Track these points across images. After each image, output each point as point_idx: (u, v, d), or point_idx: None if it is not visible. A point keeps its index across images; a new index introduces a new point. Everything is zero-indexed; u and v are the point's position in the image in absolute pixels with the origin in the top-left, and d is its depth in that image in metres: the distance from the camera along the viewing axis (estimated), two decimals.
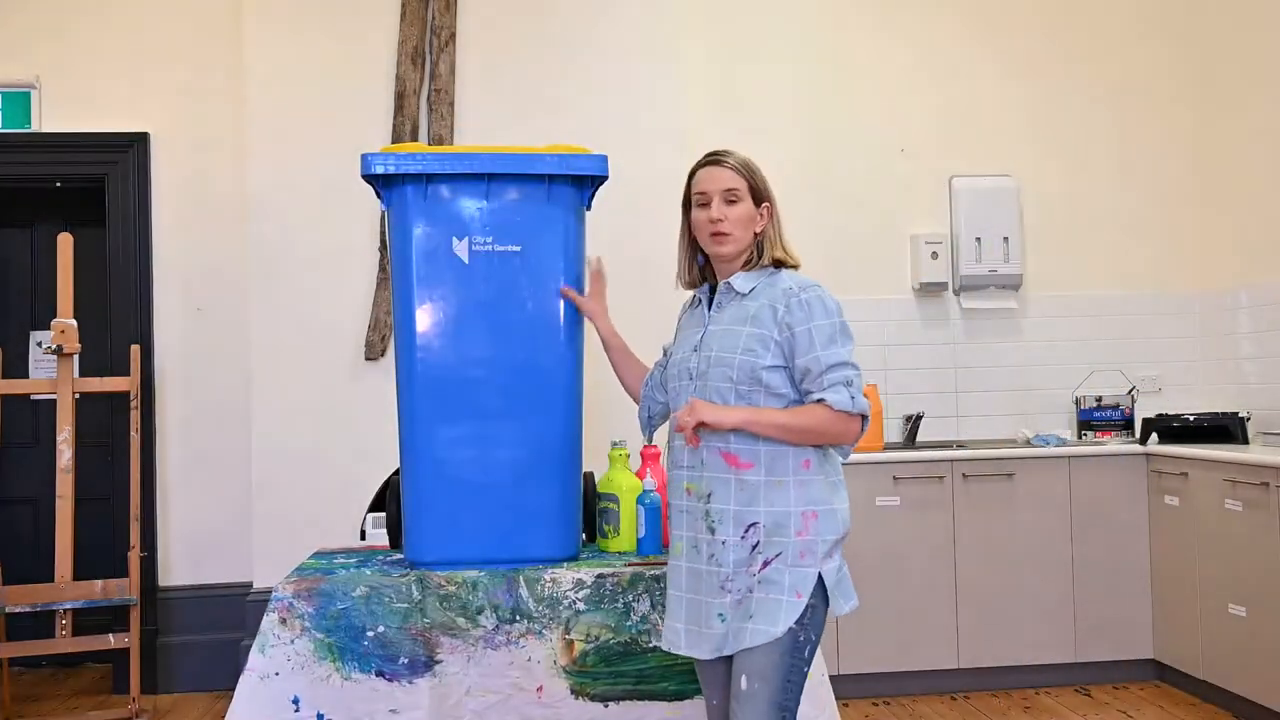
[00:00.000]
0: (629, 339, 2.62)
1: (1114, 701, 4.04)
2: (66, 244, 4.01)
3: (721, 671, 2.18)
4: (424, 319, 2.50)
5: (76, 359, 4.04)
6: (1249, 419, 4.22)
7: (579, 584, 2.44)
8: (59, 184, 4.59)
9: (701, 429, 2.13)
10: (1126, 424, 4.51)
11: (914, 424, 4.54)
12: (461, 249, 2.51)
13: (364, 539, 3.10)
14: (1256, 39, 4.46)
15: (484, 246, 2.51)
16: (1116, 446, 4.28)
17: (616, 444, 2.70)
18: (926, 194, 4.73)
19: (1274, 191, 4.36)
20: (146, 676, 4.23)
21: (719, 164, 2.24)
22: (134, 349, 4.11)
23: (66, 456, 3.94)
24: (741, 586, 2.11)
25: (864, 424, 2.13)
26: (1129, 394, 4.57)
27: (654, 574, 2.46)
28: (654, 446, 2.67)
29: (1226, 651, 3.79)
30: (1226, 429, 4.18)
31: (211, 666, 4.30)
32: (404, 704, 2.37)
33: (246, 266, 4.17)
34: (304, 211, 4.08)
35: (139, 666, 3.95)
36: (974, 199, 4.67)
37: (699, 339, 2.23)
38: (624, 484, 2.66)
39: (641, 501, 2.62)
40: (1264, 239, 4.42)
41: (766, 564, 2.10)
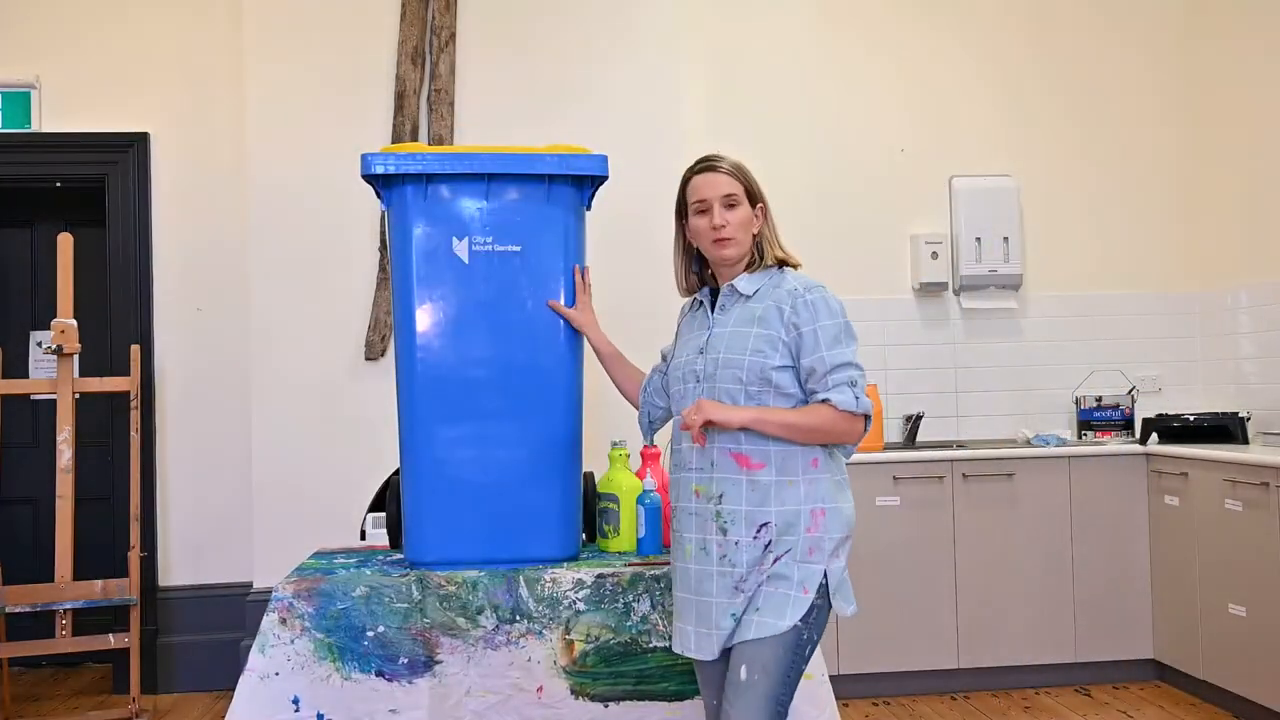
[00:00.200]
0: (630, 339, 2.61)
1: (1114, 701, 4.04)
2: (66, 244, 4.01)
3: (721, 671, 2.17)
4: (424, 319, 2.50)
5: (76, 359, 4.04)
6: (1249, 419, 4.22)
7: (579, 584, 2.44)
8: (59, 184, 4.59)
9: (709, 429, 2.13)
10: (1126, 424, 4.51)
11: (914, 424, 4.54)
12: (461, 249, 2.51)
13: (364, 539, 3.10)
14: (1256, 39, 4.46)
15: (484, 246, 2.51)
16: (1116, 446, 4.28)
17: (616, 444, 2.70)
18: (926, 194, 4.73)
19: (1274, 191, 4.36)
20: (146, 676, 4.23)
21: (714, 170, 2.24)
22: (134, 349, 4.11)
23: (66, 456, 3.94)
24: (754, 585, 2.12)
25: (867, 423, 2.16)
26: (1129, 394, 4.57)
27: (654, 574, 2.45)
28: (654, 447, 2.67)
29: (1226, 651, 3.79)
30: (1226, 429, 4.18)
31: (211, 666, 4.30)
32: (404, 704, 2.37)
33: (246, 266, 4.17)
34: (304, 211, 4.08)
35: (139, 666, 3.95)
36: (974, 199, 4.67)
37: (704, 342, 2.23)
38: (624, 484, 2.66)
39: (641, 501, 2.62)
40: (1264, 239, 4.42)
41: (777, 560, 2.11)
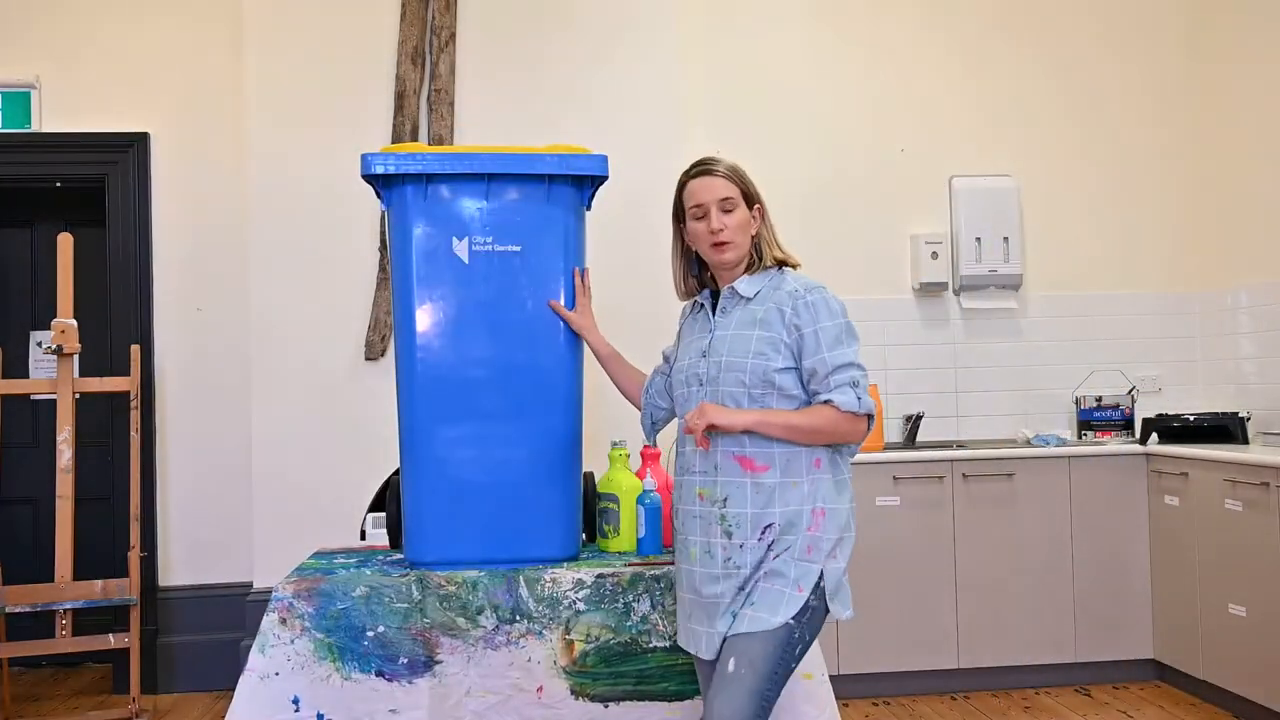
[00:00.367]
0: (630, 340, 2.61)
1: (1114, 701, 4.04)
2: (66, 244, 4.01)
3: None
4: (424, 319, 2.50)
5: (76, 359, 4.04)
6: (1249, 419, 4.22)
7: (579, 584, 2.44)
8: (59, 184, 4.59)
9: (711, 431, 2.14)
10: (1126, 424, 4.51)
11: (914, 424, 4.54)
12: (461, 249, 2.51)
13: (364, 539, 3.10)
14: (1256, 40, 4.46)
15: (484, 246, 2.51)
16: (1116, 446, 4.28)
17: (616, 444, 2.70)
18: (926, 194, 4.73)
19: (1274, 191, 4.36)
20: (146, 676, 4.23)
21: (710, 173, 2.24)
22: (134, 349, 4.11)
23: (66, 456, 3.94)
24: (753, 582, 2.13)
25: (870, 423, 2.16)
26: (1129, 394, 4.57)
27: (654, 574, 2.45)
28: (654, 447, 2.67)
29: (1226, 651, 3.79)
30: (1226, 429, 4.18)
31: (211, 666, 4.30)
32: (404, 704, 2.37)
33: (246, 266, 4.17)
34: (304, 211, 4.07)
35: (139, 666, 3.95)
36: (974, 199, 4.67)
37: (706, 344, 2.23)
38: (624, 484, 2.66)
39: (641, 501, 2.62)
40: (1264, 239, 4.42)
41: (776, 557, 2.12)
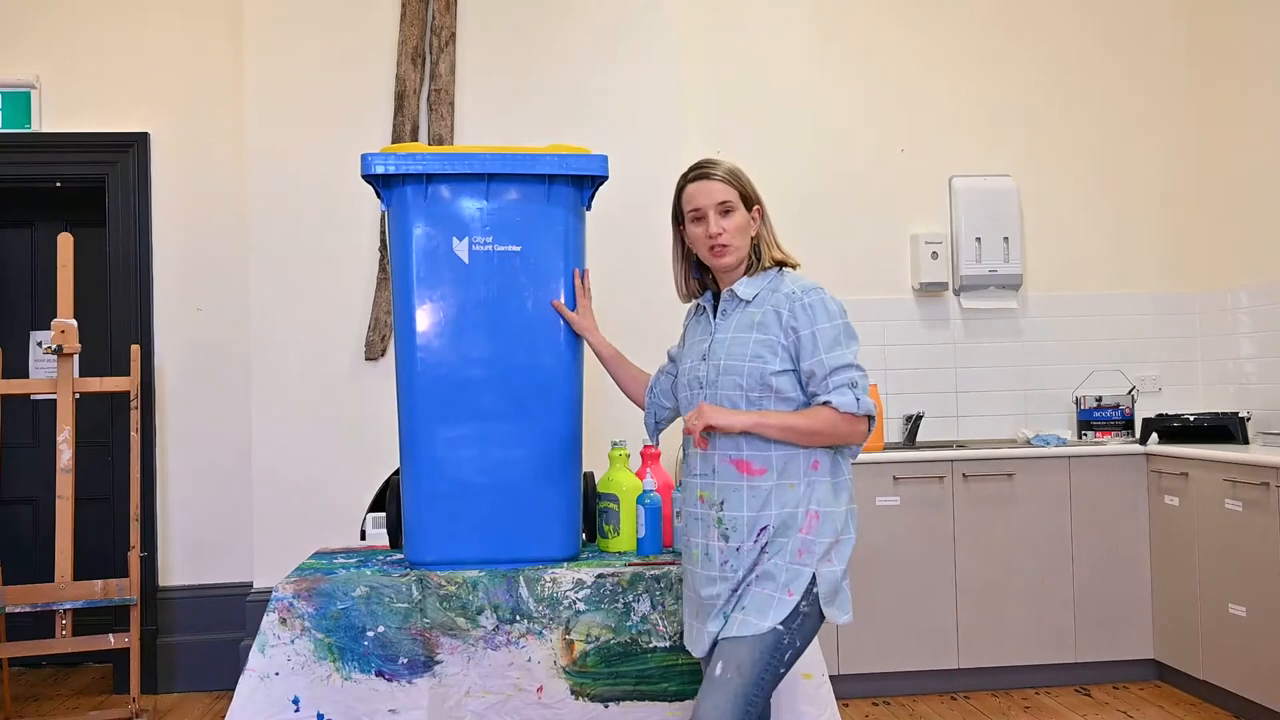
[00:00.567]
0: (631, 341, 2.61)
1: (1114, 701, 4.04)
2: (66, 244, 4.01)
3: None
4: (424, 319, 2.50)
5: (76, 359, 4.03)
6: (1249, 419, 4.22)
7: (579, 584, 2.44)
8: (59, 184, 4.59)
9: (710, 432, 2.14)
10: (1126, 424, 4.51)
11: (914, 424, 4.54)
12: (461, 249, 2.51)
13: (364, 539, 3.10)
14: (1257, 40, 4.46)
15: (484, 246, 2.51)
16: (1116, 446, 4.28)
17: (616, 444, 2.70)
18: (926, 194, 4.73)
19: (1274, 191, 4.36)
20: (146, 676, 4.23)
21: (708, 176, 2.23)
22: (134, 349, 4.11)
23: (66, 456, 3.94)
24: (745, 584, 2.13)
25: (870, 424, 2.14)
26: (1129, 394, 4.57)
27: (654, 574, 2.46)
28: (654, 447, 2.68)
29: (1226, 651, 3.79)
30: (1226, 429, 4.18)
31: (211, 666, 4.30)
32: (404, 704, 2.37)
33: (246, 266, 4.17)
34: (304, 211, 4.08)
35: (139, 666, 3.94)
36: (974, 199, 4.67)
37: (707, 347, 2.24)
38: (624, 484, 2.66)
39: (641, 501, 2.62)
40: (1264, 239, 4.42)
41: (770, 559, 2.11)
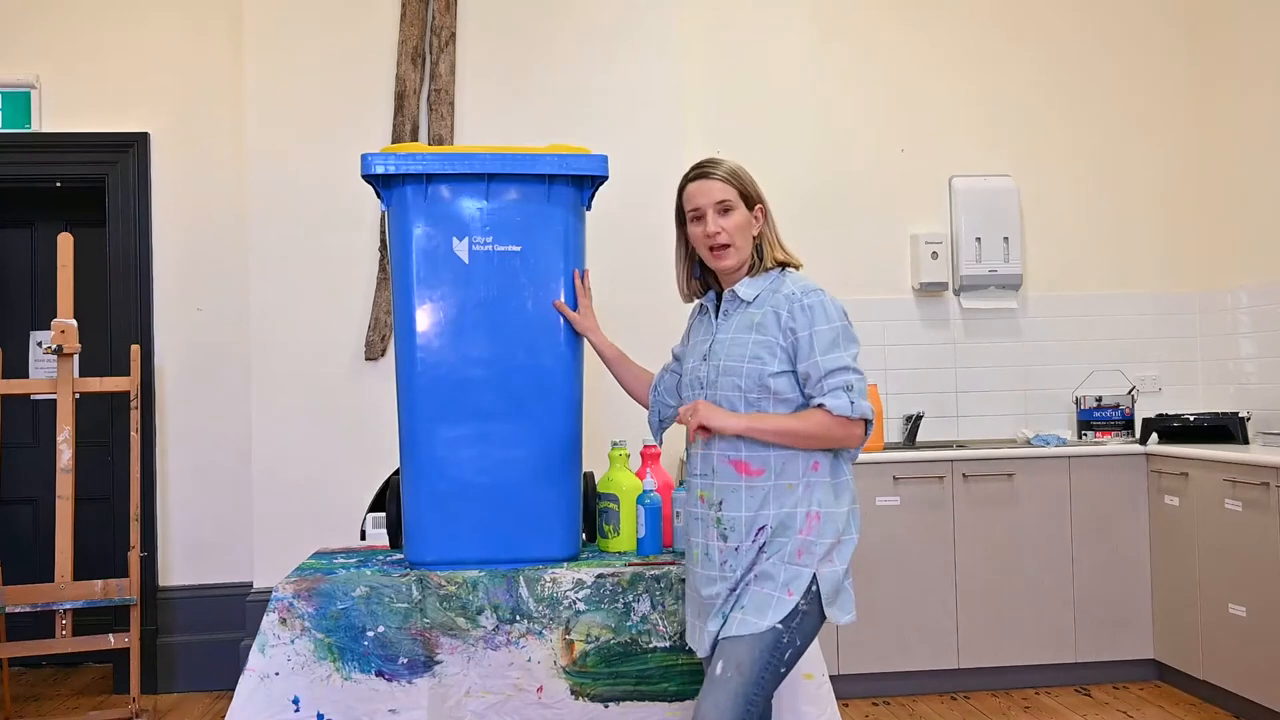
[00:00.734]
0: (630, 339, 2.61)
1: (1114, 701, 4.04)
2: (66, 244, 4.01)
3: None
4: (424, 319, 2.50)
5: (76, 359, 4.03)
6: (1249, 419, 4.22)
7: (579, 584, 2.44)
8: (59, 184, 4.59)
9: (703, 433, 2.14)
10: (1126, 424, 4.51)
11: (914, 424, 4.54)
12: (461, 249, 2.51)
13: (364, 539, 3.10)
14: (1257, 39, 4.46)
15: (484, 246, 2.51)
16: (1116, 446, 4.28)
17: (616, 444, 2.70)
18: (926, 194, 4.73)
19: (1274, 191, 4.36)
20: (146, 676, 4.23)
21: (707, 176, 2.23)
22: (134, 349, 4.11)
23: (66, 456, 3.94)
24: (743, 584, 2.13)
25: (868, 428, 2.13)
26: (1129, 394, 4.57)
27: (654, 574, 2.46)
28: (654, 446, 2.67)
29: (1226, 651, 3.79)
30: (1226, 429, 4.18)
31: (211, 666, 4.30)
32: (404, 704, 2.37)
33: (246, 266, 4.17)
34: (304, 211, 4.08)
35: (139, 666, 3.94)
36: (974, 199, 4.67)
37: (708, 348, 2.24)
38: (624, 484, 2.66)
39: (641, 501, 2.62)
40: (1264, 239, 4.42)
41: (768, 559, 2.11)
